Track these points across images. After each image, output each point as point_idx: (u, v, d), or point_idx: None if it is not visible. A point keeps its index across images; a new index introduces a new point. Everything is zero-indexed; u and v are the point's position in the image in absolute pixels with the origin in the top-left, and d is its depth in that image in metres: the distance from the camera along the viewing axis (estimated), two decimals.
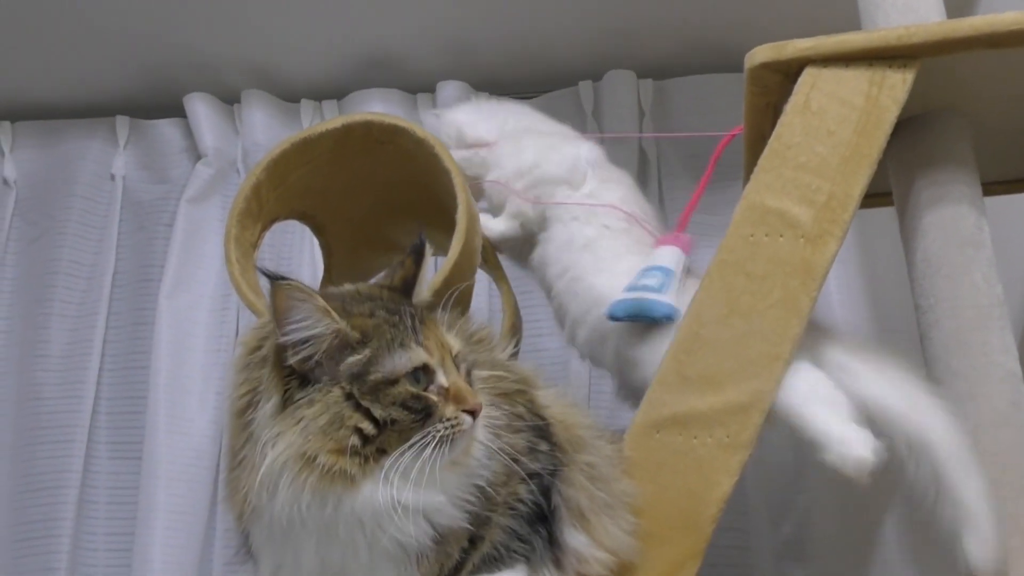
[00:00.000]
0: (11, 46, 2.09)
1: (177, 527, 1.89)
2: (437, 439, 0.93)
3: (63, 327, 2.07)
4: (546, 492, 1.04)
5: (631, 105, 2.10)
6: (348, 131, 1.29)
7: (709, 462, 1.13)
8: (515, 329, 1.49)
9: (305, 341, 0.93)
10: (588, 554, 1.06)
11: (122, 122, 2.22)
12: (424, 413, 0.94)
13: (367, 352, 0.94)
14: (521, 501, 1.02)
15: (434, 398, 0.94)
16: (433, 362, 0.96)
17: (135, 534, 1.90)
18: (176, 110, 2.19)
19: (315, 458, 0.91)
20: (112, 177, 2.19)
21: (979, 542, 1.07)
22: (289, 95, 2.19)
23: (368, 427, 0.92)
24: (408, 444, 0.92)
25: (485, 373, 1.06)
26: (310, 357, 0.94)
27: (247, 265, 1.28)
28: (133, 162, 2.21)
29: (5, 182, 2.19)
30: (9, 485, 1.98)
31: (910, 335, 1.84)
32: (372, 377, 0.93)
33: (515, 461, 1.02)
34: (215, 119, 2.16)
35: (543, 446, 1.06)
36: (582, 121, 2.11)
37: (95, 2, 1.98)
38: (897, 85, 1.20)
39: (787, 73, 1.25)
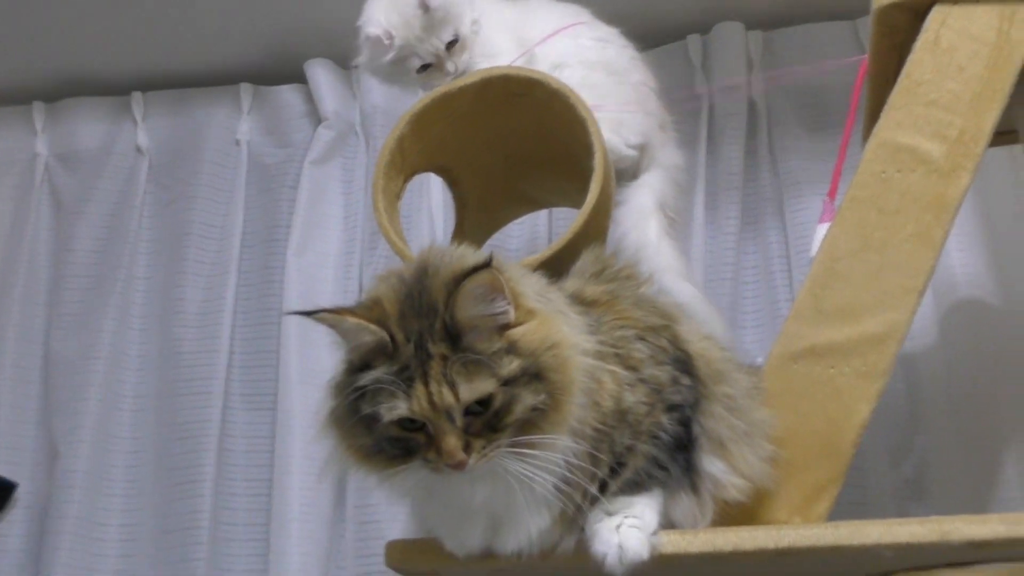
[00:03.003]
0: (141, 19, 2.19)
1: (313, 471, 1.99)
2: (427, 469, 1.00)
3: (198, 285, 2.18)
4: (687, 423, 1.09)
5: (740, 57, 2.11)
6: (487, 85, 1.35)
7: (848, 390, 1.17)
8: None
9: (352, 350, 1.02)
10: (726, 480, 1.11)
11: (246, 89, 2.31)
12: (406, 451, 1.00)
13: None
14: (664, 430, 1.07)
15: (419, 439, 0.99)
16: (419, 416, 0.97)
17: (272, 480, 2.01)
18: (296, 76, 2.28)
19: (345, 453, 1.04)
20: (237, 142, 2.28)
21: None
22: None
23: (367, 442, 1.01)
24: (400, 468, 1.00)
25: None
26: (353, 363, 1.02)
27: (393, 214, 1.35)
28: (257, 127, 2.30)
29: (139, 150, 2.30)
30: (155, 435, 2.10)
31: None
32: (364, 410, 0.99)
33: (658, 392, 1.07)
34: (335, 84, 2.24)
35: (685, 380, 1.10)
36: (691, 74, 2.13)
37: None
38: None
39: (915, 12, 1.27)
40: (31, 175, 2.32)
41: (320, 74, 2.24)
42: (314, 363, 2.06)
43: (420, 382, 0.96)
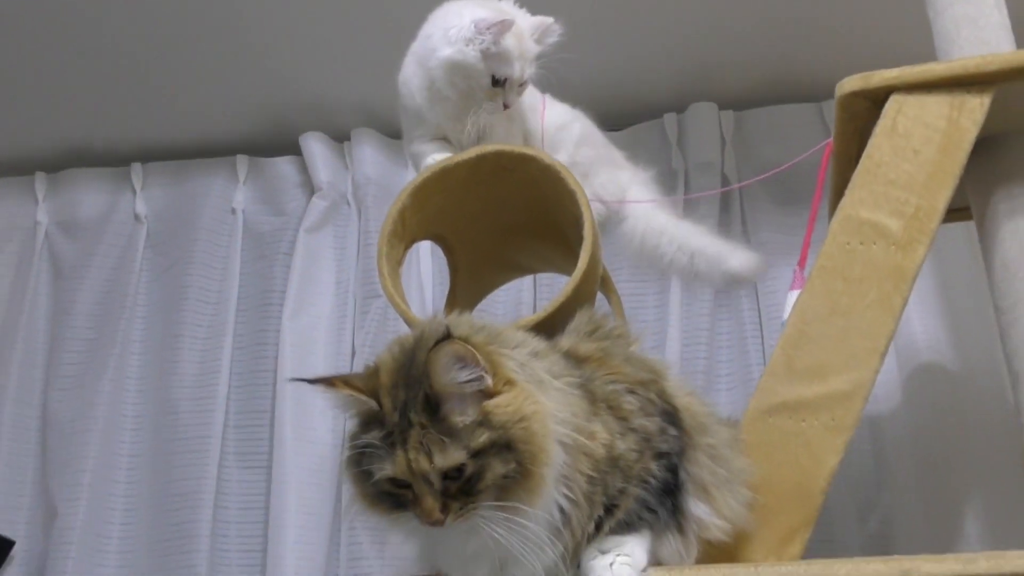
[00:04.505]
0: (141, 94, 2.30)
1: (308, 526, 2.06)
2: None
3: (194, 348, 2.26)
4: (674, 469, 1.19)
5: (713, 135, 2.26)
6: (481, 159, 1.45)
7: (817, 442, 1.28)
8: None
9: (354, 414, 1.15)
10: (709, 522, 1.21)
11: (242, 161, 2.43)
12: (398, 504, 1.11)
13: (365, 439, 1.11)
14: (653, 475, 1.16)
15: (408, 495, 1.09)
16: (400, 477, 1.08)
17: (268, 536, 2.07)
18: (291, 148, 2.39)
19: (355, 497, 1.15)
20: (233, 211, 2.39)
21: (736, 259, 1.60)
22: (396, 132, 2.35)
23: (371, 491, 1.12)
24: (398, 515, 1.11)
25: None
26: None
27: (396, 280, 1.45)
28: (252, 197, 2.41)
29: (137, 218, 2.40)
30: (151, 493, 2.16)
31: (982, 338, 1.99)
32: (364, 465, 1.10)
33: (647, 441, 1.17)
34: (328, 156, 2.36)
35: (671, 430, 1.20)
36: (667, 151, 2.27)
37: (216, 52, 2.19)
38: (976, 109, 1.35)
39: (874, 100, 1.39)
40: (32, 242, 2.42)
41: (314, 146, 2.35)
42: (308, 423, 2.14)
43: (400, 448, 1.07)
